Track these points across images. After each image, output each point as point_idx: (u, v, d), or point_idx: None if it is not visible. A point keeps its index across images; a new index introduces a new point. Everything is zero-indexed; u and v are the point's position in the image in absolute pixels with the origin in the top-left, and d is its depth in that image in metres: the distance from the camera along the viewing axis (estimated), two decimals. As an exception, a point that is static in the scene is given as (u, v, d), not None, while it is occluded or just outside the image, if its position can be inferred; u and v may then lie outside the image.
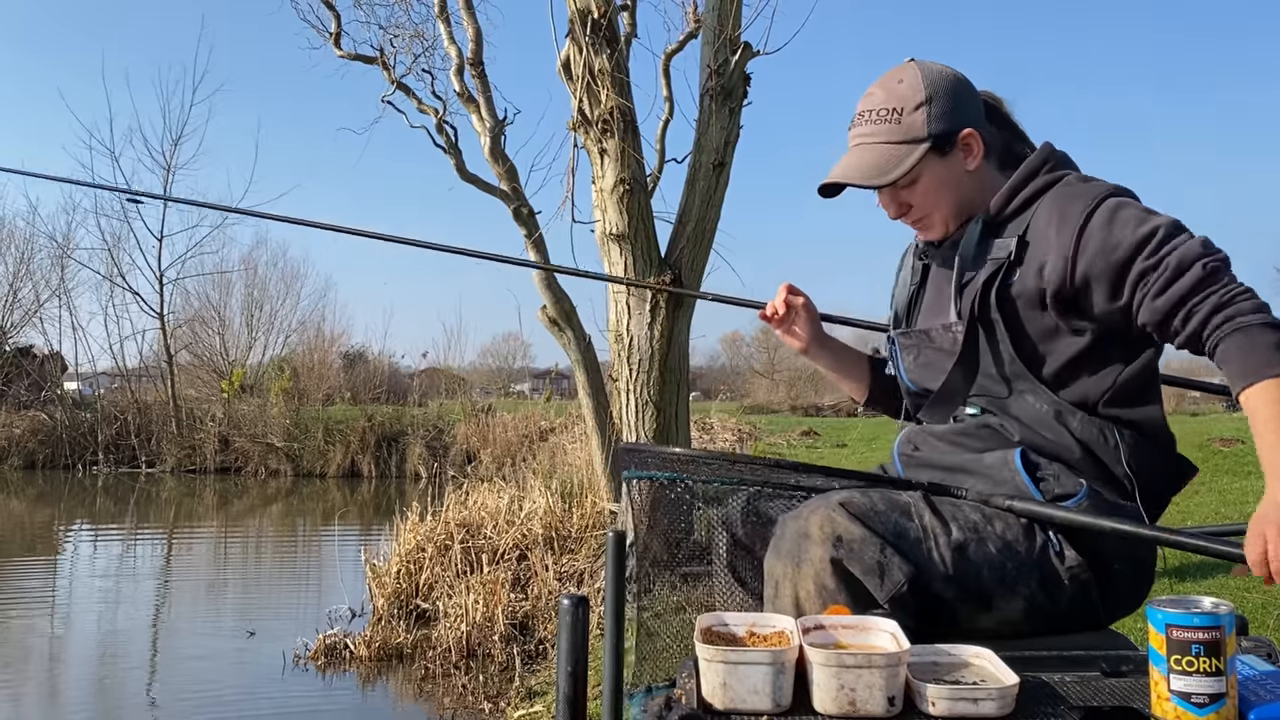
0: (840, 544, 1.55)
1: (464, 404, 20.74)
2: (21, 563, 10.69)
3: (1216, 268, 1.55)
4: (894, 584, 1.53)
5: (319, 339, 27.96)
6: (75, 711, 5.78)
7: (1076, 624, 1.68)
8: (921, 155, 1.75)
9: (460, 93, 9.16)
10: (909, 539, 1.59)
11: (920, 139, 1.76)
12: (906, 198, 1.80)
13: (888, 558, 1.55)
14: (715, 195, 6.71)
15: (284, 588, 9.70)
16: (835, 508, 1.59)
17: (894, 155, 1.76)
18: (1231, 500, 8.48)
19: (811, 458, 15.00)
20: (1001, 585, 1.61)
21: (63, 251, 24.40)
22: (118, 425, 20.64)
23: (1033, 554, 1.62)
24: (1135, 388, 1.71)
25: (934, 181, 1.78)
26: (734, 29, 6.58)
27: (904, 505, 1.63)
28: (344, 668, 6.32)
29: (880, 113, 1.78)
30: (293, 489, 17.91)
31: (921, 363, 1.85)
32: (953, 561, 1.59)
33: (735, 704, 1.24)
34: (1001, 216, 1.77)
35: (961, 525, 1.63)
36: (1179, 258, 1.56)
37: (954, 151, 1.78)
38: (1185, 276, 1.55)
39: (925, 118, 1.76)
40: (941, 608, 1.59)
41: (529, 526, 7.53)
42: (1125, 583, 1.67)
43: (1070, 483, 1.67)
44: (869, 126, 1.80)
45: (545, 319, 8.77)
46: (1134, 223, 1.61)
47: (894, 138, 1.77)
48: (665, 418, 6.56)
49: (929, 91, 1.77)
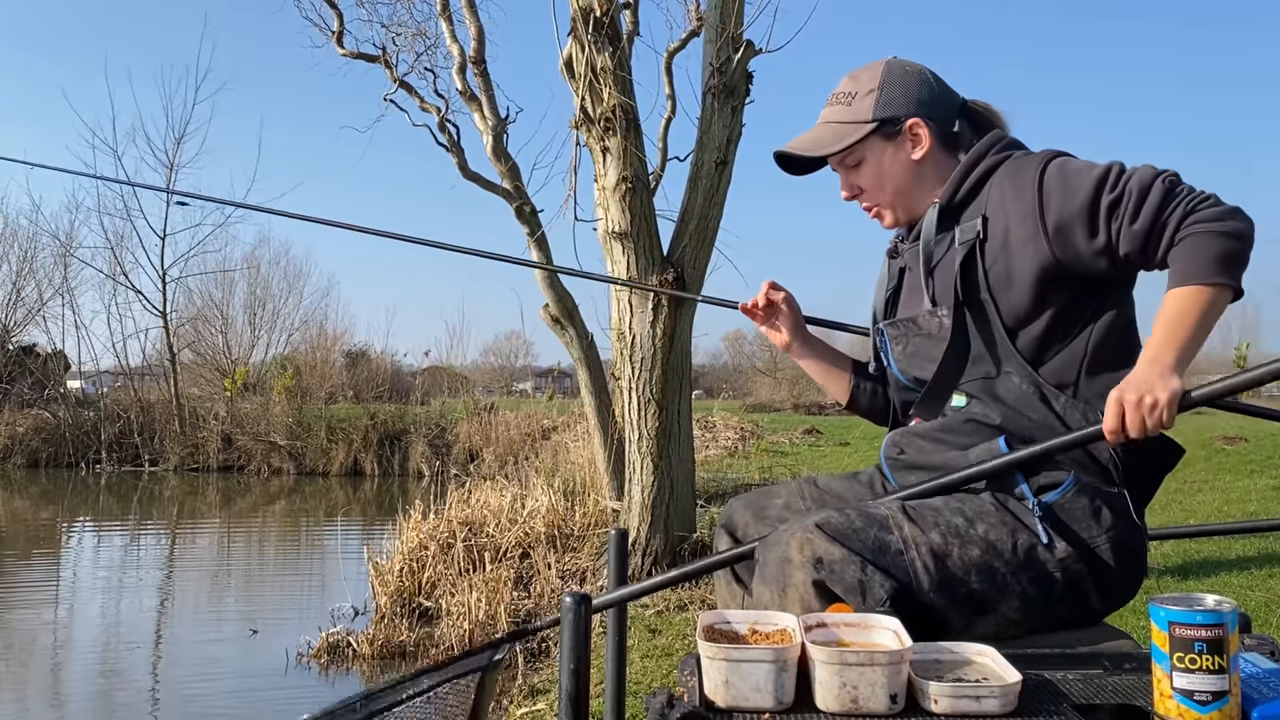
0: (821, 565, 1.56)
1: (466, 402, 20.73)
2: (25, 560, 10.70)
3: (1174, 180, 1.64)
4: (876, 601, 1.53)
5: (322, 337, 27.98)
6: (78, 708, 5.78)
7: (1074, 617, 1.68)
8: (864, 135, 1.88)
9: (462, 91, 9.18)
10: (890, 552, 1.60)
11: (865, 120, 1.89)
12: (856, 180, 1.94)
13: (869, 575, 1.56)
14: (718, 193, 6.71)
15: (286, 585, 9.71)
16: (812, 530, 1.60)
17: (839, 132, 1.91)
18: (1234, 499, 8.46)
19: (814, 455, 15.01)
20: (992, 586, 1.61)
21: (66, 250, 24.40)
22: (121, 424, 20.64)
23: (1019, 551, 1.62)
24: (1110, 356, 1.72)
25: (878, 165, 1.91)
26: (736, 27, 6.58)
27: (881, 519, 1.64)
28: (347, 666, 6.32)
29: (840, 95, 1.94)
30: (295, 487, 17.91)
31: (910, 351, 1.87)
32: (937, 570, 1.60)
33: (737, 701, 1.24)
34: (955, 200, 1.84)
35: (943, 531, 1.63)
36: (1138, 182, 1.64)
37: (901, 138, 1.89)
38: (1150, 196, 1.62)
39: (874, 102, 1.89)
40: (933, 616, 1.59)
41: (531, 525, 7.53)
42: (1116, 572, 1.67)
43: (1056, 471, 1.69)
44: (828, 109, 1.95)
45: (547, 317, 8.79)
46: (1085, 168, 1.71)
47: (844, 118, 1.91)
48: (668, 416, 6.56)
49: (883, 80, 1.90)
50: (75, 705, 5.86)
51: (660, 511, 6.56)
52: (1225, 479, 9.71)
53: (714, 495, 9.46)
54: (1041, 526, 1.63)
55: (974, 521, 1.64)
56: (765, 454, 15.06)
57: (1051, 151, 1.78)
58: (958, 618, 1.61)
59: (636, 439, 6.59)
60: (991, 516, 1.65)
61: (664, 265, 6.52)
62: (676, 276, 6.47)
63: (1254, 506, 7.72)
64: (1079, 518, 1.65)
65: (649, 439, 6.54)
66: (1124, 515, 1.68)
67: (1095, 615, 1.71)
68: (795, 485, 2.05)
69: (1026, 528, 1.64)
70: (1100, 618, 1.73)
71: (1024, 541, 1.63)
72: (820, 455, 15.27)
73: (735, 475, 11.73)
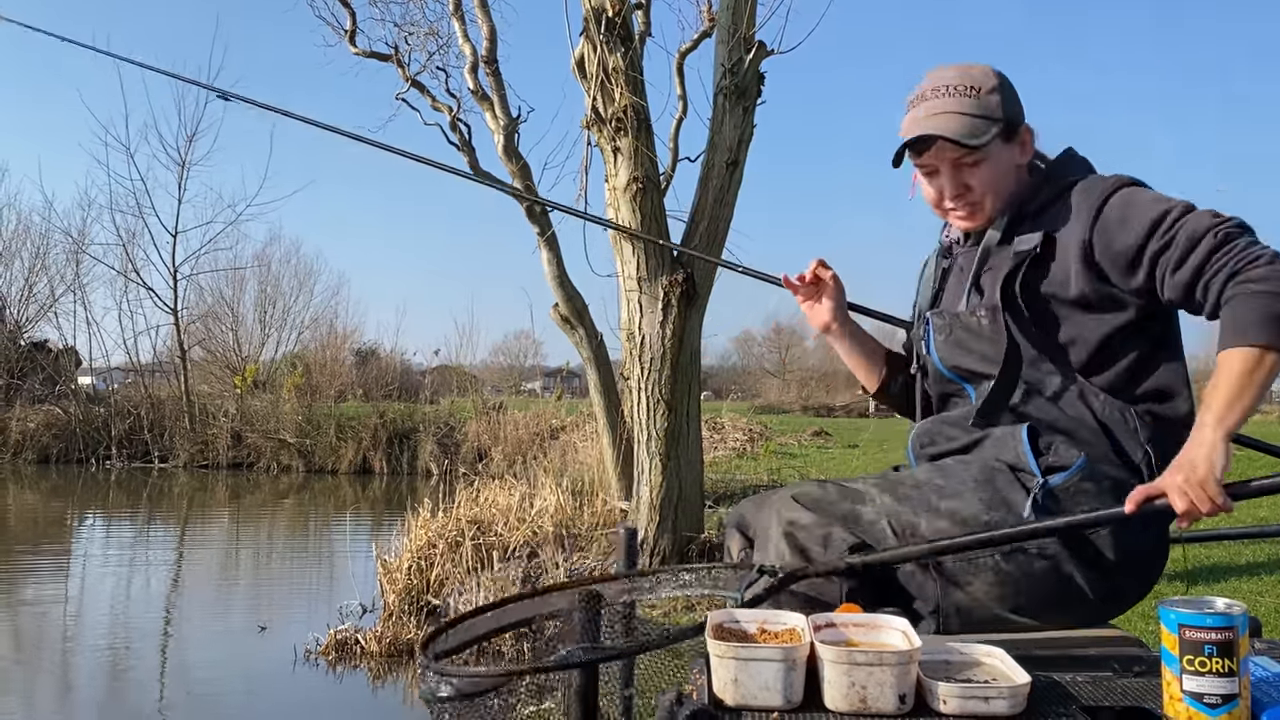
0: (794, 525, 1.72)
1: (475, 401, 20.74)
2: (35, 556, 10.76)
3: (1229, 233, 1.58)
4: (837, 552, 1.66)
5: (331, 336, 27.99)
6: (87, 703, 5.81)
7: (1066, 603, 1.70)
8: (998, 133, 1.80)
9: (474, 90, 9.19)
10: (862, 522, 1.72)
11: (996, 118, 1.80)
12: (969, 178, 1.83)
13: (832, 533, 1.69)
14: (728, 194, 6.71)
15: (295, 582, 9.74)
16: (788, 499, 1.76)
17: (977, 125, 1.79)
18: (1245, 504, 8.42)
19: (823, 458, 14.99)
20: (961, 558, 1.67)
21: (78, 247, 24.44)
22: (131, 420, 20.71)
23: (991, 526, 1.65)
24: (1162, 380, 1.75)
25: (998, 165, 1.83)
26: (748, 28, 6.58)
27: (857, 493, 1.76)
28: (355, 663, 6.34)
29: (958, 88, 1.82)
30: (304, 484, 17.96)
31: (953, 341, 1.87)
32: (905, 538, 1.68)
33: (746, 700, 1.24)
34: (1025, 213, 1.83)
35: (914, 504, 1.71)
36: (1189, 231, 1.61)
37: (1014, 142, 1.84)
38: (1199, 248, 1.59)
39: (999, 100, 1.82)
40: (906, 584, 1.70)
41: (540, 524, 7.54)
42: (1112, 564, 1.68)
43: (1067, 455, 1.71)
44: (945, 100, 1.82)
45: (557, 317, 8.79)
46: (1146, 206, 1.67)
47: (974, 111, 1.80)
48: (676, 416, 6.57)
49: (999, 80, 1.84)
50: (84, 700, 5.89)
51: (669, 512, 6.57)
52: (1236, 484, 9.66)
53: (722, 496, 9.45)
54: (1029, 505, 1.66)
55: (948, 496, 1.71)
56: (774, 456, 15.04)
57: (1122, 180, 1.75)
58: (932, 582, 1.68)
59: (645, 439, 6.60)
60: (969, 492, 1.70)
61: (674, 265, 6.52)
62: (686, 277, 6.47)
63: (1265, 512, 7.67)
64: (1079, 502, 1.67)
65: (658, 439, 6.54)
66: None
67: (1090, 605, 1.71)
68: None
69: (1004, 504, 1.68)
70: (1098, 609, 1.73)
71: (996, 518, 1.66)
72: (829, 457, 15.25)
73: (743, 476, 11.72)
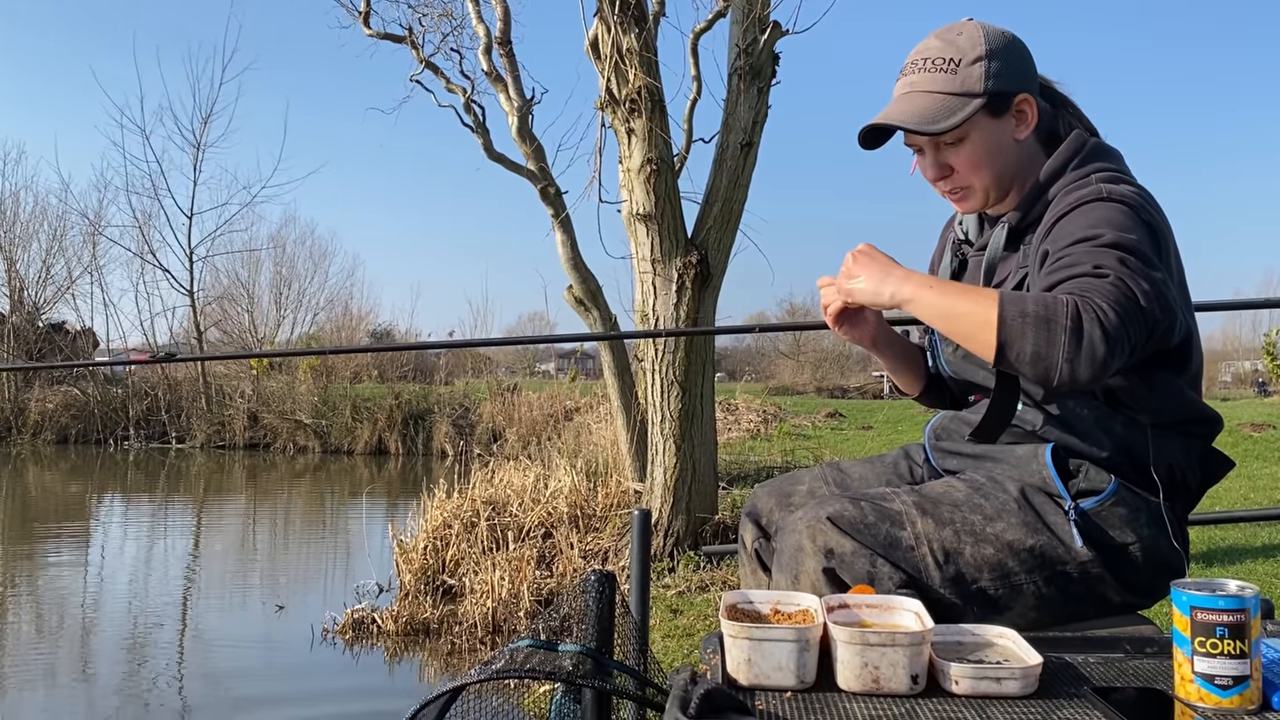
0: (832, 556, 1.57)
1: (490, 383, 20.81)
2: (54, 536, 10.87)
3: (1118, 281, 1.38)
4: (885, 589, 1.54)
5: (347, 317, 28.20)
6: (106, 681, 5.89)
7: (1094, 615, 1.67)
8: (974, 111, 1.66)
9: (488, 72, 9.17)
10: (901, 548, 1.59)
11: (975, 93, 1.66)
12: (950, 158, 1.72)
13: (878, 568, 1.57)
14: (743, 175, 6.69)
15: (312, 562, 9.82)
16: (824, 521, 1.60)
17: (946, 105, 1.67)
18: (1261, 486, 8.39)
19: (837, 439, 14.97)
20: (1005, 585, 1.60)
21: (94, 229, 24.64)
22: (148, 401, 20.91)
23: (1036, 551, 1.60)
24: (1177, 397, 1.66)
25: (981, 144, 1.69)
26: (763, 8, 6.55)
27: (894, 514, 1.63)
28: (371, 643, 6.40)
29: (936, 61, 1.69)
30: (320, 465, 18.08)
31: (960, 355, 1.80)
32: (948, 566, 1.59)
33: (760, 680, 1.25)
34: (1027, 221, 1.71)
35: (957, 529, 1.61)
36: (1091, 256, 1.42)
37: (1006, 116, 1.70)
38: (1075, 267, 1.43)
39: (983, 72, 1.66)
40: (946, 611, 1.58)
41: (554, 505, 7.58)
42: (1144, 579, 1.65)
43: (1099, 478, 1.64)
44: (921, 75, 1.70)
45: (571, 299, 8.79)
46: (1097, 220, 1.50)
47: (948, 88, 1.67)
48: (690, 398, 6.57)
49: (988, 47, 1.67)
50: (103, 678, 5.96)
51: (682, 493, 6.59)
52: (1252, 466, 9.62)
53: (736, 477, 9.46)
54: (1075, 531, 1.60)
55: (992, 519, 1.62)
56: (787, 437, 15.03)
57: (1097, 191, 1.57)
58: (971, 614, 1.60)
59: (659, 421, 6.61)
60: (1013, 515, 1.63)
61: (688, 247, 6.51)
62: (701, 259, 6.46)
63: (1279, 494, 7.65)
64: (1114, 525, 1.62)
65: (671, 421, 6.56)
66: (1160, 525, 1.64)
67: (1117, 612, 1.69)
68: (818, 471, 2.02)
69: (1048, 528, 1.62)
70: (1123, 613, 1.72)
71: (1042, 542, 1.61)
72: (843, 439, 15.22)
73: (757, 458, 11.72)
